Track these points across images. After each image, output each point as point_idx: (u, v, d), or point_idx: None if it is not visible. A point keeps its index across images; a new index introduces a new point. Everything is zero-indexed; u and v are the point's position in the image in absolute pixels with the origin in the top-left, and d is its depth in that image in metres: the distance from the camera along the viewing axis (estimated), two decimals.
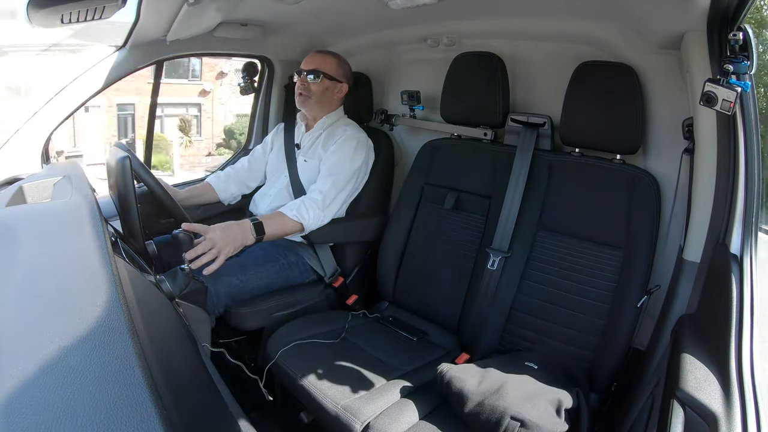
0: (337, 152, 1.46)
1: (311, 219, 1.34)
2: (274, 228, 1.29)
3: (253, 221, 1.24)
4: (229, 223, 1.21)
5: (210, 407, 0.63)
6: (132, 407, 0.35)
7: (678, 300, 1.01)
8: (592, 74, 1.20)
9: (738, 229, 0.88)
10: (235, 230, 1.19)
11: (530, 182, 1.27)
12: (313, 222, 1.35)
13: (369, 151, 1.52)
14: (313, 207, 1.35)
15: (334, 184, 1.40)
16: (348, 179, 1.44)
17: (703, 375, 0.72)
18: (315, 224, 1.36)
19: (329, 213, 1.40)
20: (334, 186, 1.40)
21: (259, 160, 1.66)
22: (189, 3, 1.15)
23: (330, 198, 1.39)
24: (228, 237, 1.17)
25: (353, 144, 1.47)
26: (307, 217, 1.33)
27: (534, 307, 1.21)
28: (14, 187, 1.07)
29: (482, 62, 1.40)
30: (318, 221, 1.36)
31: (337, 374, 1.08)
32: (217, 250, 1.14)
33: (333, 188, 1.40)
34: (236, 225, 1.21)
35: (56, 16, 1.02)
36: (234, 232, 1.19)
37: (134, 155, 1.18)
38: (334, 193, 1.40)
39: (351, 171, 1.44)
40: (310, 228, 1.36)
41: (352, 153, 1.45)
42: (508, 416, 0.90)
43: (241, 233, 1.20)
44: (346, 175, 1.43)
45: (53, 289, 0.52)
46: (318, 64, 1.50)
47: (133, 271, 0.74)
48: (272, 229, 1.27)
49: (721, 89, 0.81)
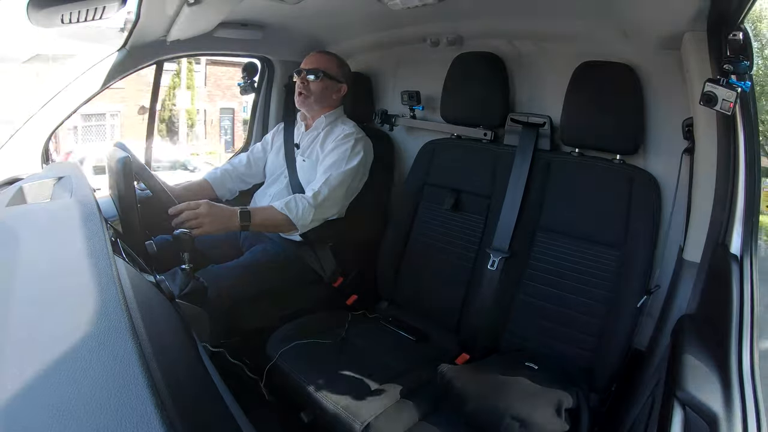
0: (333, 151, 1.46)
1: (299, 213, 1.33)
2: (262, 219, 1.29)
3: (241, 209, 1.26)
4: (218, 204, 1.25)
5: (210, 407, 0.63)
6: (132, 407, 0.35)
7: (678, 300, 1.00)
8: (592, 74, 1.19)
9: (738, 229, 0.88)
10: (222, 211, 1.23)
11: (530, 182, 1.27)
12: (302, 216, 1.33)
13: (367, 151, 1.52)
14: (303, 202, 1.34)
15: (327, 182, 1.39)
16: (343, 178, 1.42)
17: (703, 375, 0.72)
18: (304, 219, 1.34)
19: (321, 211, 1.38)
20: (326, 184, 1.39)
21: (259, 157, 1.66)
22: (189, 3, 1.15)
23: (322, 195, 1.37)
24: (213, 213, 1.20)
25: (350, 143, 1.46)
26: (295, 210, 1.32)
27: (534, 308, 1.21)
28: (14, 187, 1.06)
29: (482, 62, 1.39)
30: (307, 216, 1.34)
31: (337, 374, 1.08)
32: (200, 220, 1.17)
33: (325, 186, 1.39)
34: (225, 207, 1.25)
35: (56, 16, 1.02)
36: (221, 212, 1.22)
37: (134, 155, 1.19)
38: (326, 191, 1.38)
39: (346, 170, 1.43)
40: (299, 222, 1.33)
41: (349, 152, 1.45)
42: (508, 416, 0.90)
43: (228, 216, 1.23)
44: (341, 173, 1.42)
45: (53, 290, 0.52)
46: (318, 64, 1.50)
47: (133, 271, 0.74)
48: (260, 219, 1.28)
49: (721, 89, 0.80)
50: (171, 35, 1.40)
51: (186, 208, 1.18)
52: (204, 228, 1.18)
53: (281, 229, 1.36)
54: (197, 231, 1.17)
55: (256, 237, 1.55)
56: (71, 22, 1.05)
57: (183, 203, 1.20)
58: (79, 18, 1.05)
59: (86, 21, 1.06)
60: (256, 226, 1.28)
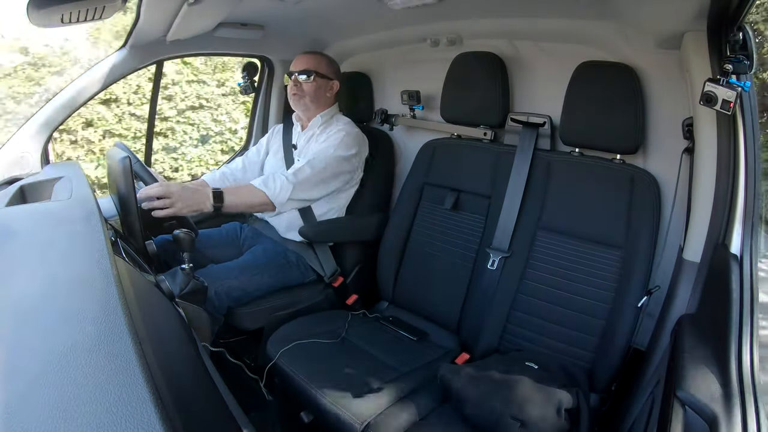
0: (324, 142, 1.48)
1: (277, 189, 1.31)
2: (236, 198, 1.27)
3: (214, 189, 1.23)
4: (189, 184, 1.22)
5: (210, 407, 0.63)
6: (132, 407, 0.35)
7: (678, 300, 1.00)
8: (592, 74, 1.19)
9: (738, 229, 0.88)
10: (194, 193, 1.19)
11: (530, 182, 1.27)
12: (279, 193, 1.31)
13: (361, 145, 1.53)
14: (281, 178, 1.33)
15: (310, 162, 1.39)
16: (328, 162, 1.41)
17: (703, 375, 0.72)
18: (281, 196, 1.32)
19: (300, 190, 1.35)
20: (309, 164, 1.39)
21: (253, 161, 1.67)
22: (189, 3, 1.15)
23: (303, 174, 1.36)
24: (185, 195, 1.17)
25: (341, 135, 1.48)
26: (273, 187, 1.31)
27: (534, 307, 1.21)
28: (14, 187, 1.07)
29: (482, 62, 1.39)
30: (285, 194, 1.32)
31: (337, 374, 1.08)
32: (170, 201, 1.14)
33: (308, 165, 1.38)
34: (197, 189, 1.21)
35: (56, 16, 1.02)
36: (192, 195, 1.19)
37: (134, 155, 1.19)
38: (308, 170, 1.37)
39: (333, 155, 1.43)
40: (277, 199, 1.31)
41: (338, 141, 1.45)
42: (507, 416, 0.90)
43: (200, 198, 1.20)
44: (326, 157, 1.42)
45: (53, 290, 0.52)
46: (308, 64, 1.52)
47: (133, 271, 0.74)
48: (233, 199, 1.26)
49: (721, 89, 0.80)
50: (171, 35, 1.40)
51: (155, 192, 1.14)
52: (176, 208, 1.15)
53: (257, 208, 1.34)
54: (167, 211, 1.14)
55: (256, 237, 1.56)
56: (71, 22, 1.05)
57: (154, 183, 1.17)
58: (79, 18, 1.05)
59: (86, 21, 1.06)
60: (229, 207, 1.25)
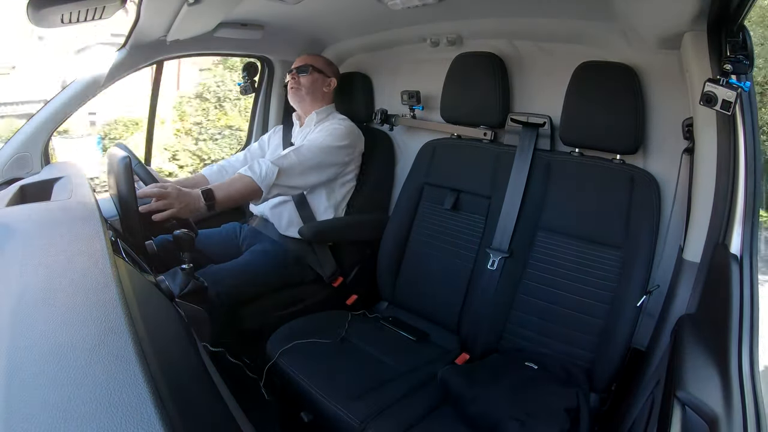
0: (316, 134, 1.50)
1: (263, 172, 1.31)
2: (225, 192, 1.27)
3: (203, 188, 1.23)
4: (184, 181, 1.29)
5: (210, 407, 0.63)
6: (132, 407, 0.35)
7: (678, 300, 1.00)
8: (592, 74, 1.19)
9: (738, 229, 0.88)
10: (189, 195, 1.19)
11: (530, 182, 1.27)
12: (265, 176, 1.31)
13: (354, 137, 1.55)
14: (266, 162, 1.33)
15: (297, 150, 1.40)
16: (316, 152, 1.42)
17: (703, 375, 0.72)
18: (267, 179, 1.31)
19: (286, 176, 1.35)
20: (295, 151, 1.40)
21: (256, 155, 1.67)
22: (189, 3, 1.15)
23: (288, 160, 1.36)
24: (182, 197, 1.17)
25: (333, 127, 1.50)
26: (258, 170, 1.31)
27: (534, 307, 1.21)
28: (14, 187, 1.07)
29: (482, 62, 1.39)
30: (271, 176, 1.31)
31: (337, 374, 1.08)
32: (168, 202, 1.14)
33: (294, 153, 1.39)
34: (188, 192, 1.21)
35: (56, 16, 1.02)
36: (187, 196, 1.19)
37: (134, 155, 1.19)
38: (294, 157, 1.38)
39: (322, 145, 1.44)
40: (263, 182, 1.31)
41: (328, 133, 1.47)
42: (507, 416, 0.90)
43: (193, 200, 1.20)
44: (314, 146, 1.43)
45: (53, 289, 0.52)
46: (307, 61, 1.60)
47: (133, 271, 0.74)
48: (223, 193, 1.26)
49: (721, 89, 0.80)
50: (171, 35, 1.41)
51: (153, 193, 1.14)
52: (174, 209, 1.14)
53: (247, 196, 1.33)
54: (166, 213, 1.13)
55: (256, 237, 1.56)
56: (71, 22, 1.05)
57: (152, 184, 1.16)
58: (79, 18, 1.05)
59: (86, 21, 1.06)
60: (221, 203, 1.25)
